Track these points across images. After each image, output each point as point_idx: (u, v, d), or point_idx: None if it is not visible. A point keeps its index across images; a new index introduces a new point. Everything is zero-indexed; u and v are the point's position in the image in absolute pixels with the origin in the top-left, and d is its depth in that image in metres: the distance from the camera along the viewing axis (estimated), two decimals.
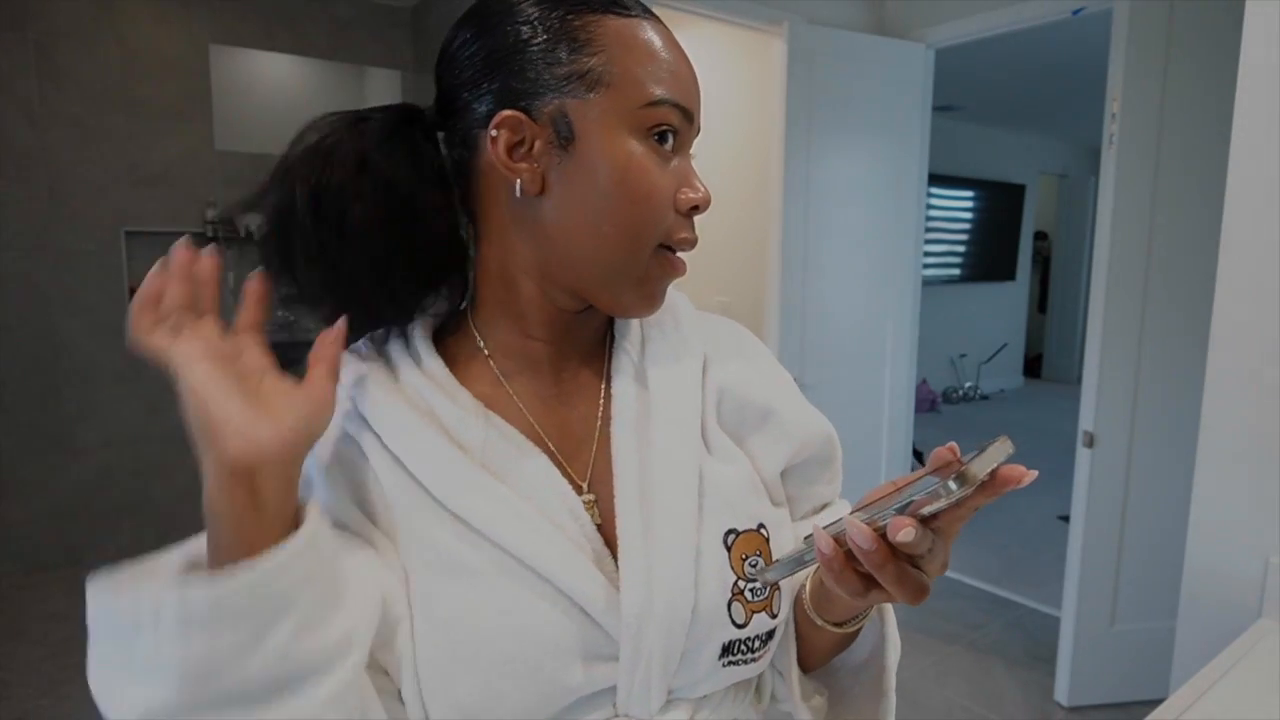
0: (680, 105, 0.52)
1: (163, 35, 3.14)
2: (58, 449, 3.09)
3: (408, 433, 0.52)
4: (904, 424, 3.30)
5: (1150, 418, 2.19)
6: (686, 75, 0.54)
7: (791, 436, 0.62)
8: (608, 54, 0.51)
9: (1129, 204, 2.10)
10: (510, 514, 0.50)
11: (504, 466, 0.52)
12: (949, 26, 2.95)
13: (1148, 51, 2.05)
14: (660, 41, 0.53)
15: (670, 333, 0.61)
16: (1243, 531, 1.18)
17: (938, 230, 6.43)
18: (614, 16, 0.52)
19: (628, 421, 0.56)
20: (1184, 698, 0.89)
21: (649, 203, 0.52)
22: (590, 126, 0.51)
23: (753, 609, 0.54)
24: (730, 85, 3.33)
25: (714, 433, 0.59)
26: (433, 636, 0.48)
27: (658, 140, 0.52)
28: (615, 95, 0.50)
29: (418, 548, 0.50)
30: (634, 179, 0.51)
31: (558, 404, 0.58)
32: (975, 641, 2.68)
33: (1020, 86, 5.13)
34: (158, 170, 3.16)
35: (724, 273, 3.42)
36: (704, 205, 0.55)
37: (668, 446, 0.55)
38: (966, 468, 0.37)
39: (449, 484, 0.50)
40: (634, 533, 0.52)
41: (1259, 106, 1.14)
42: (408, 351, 0.56)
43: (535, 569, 0.49)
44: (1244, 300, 1.17)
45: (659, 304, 0.56)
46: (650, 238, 0.53)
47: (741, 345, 0.66)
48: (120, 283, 3.13)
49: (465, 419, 0.53)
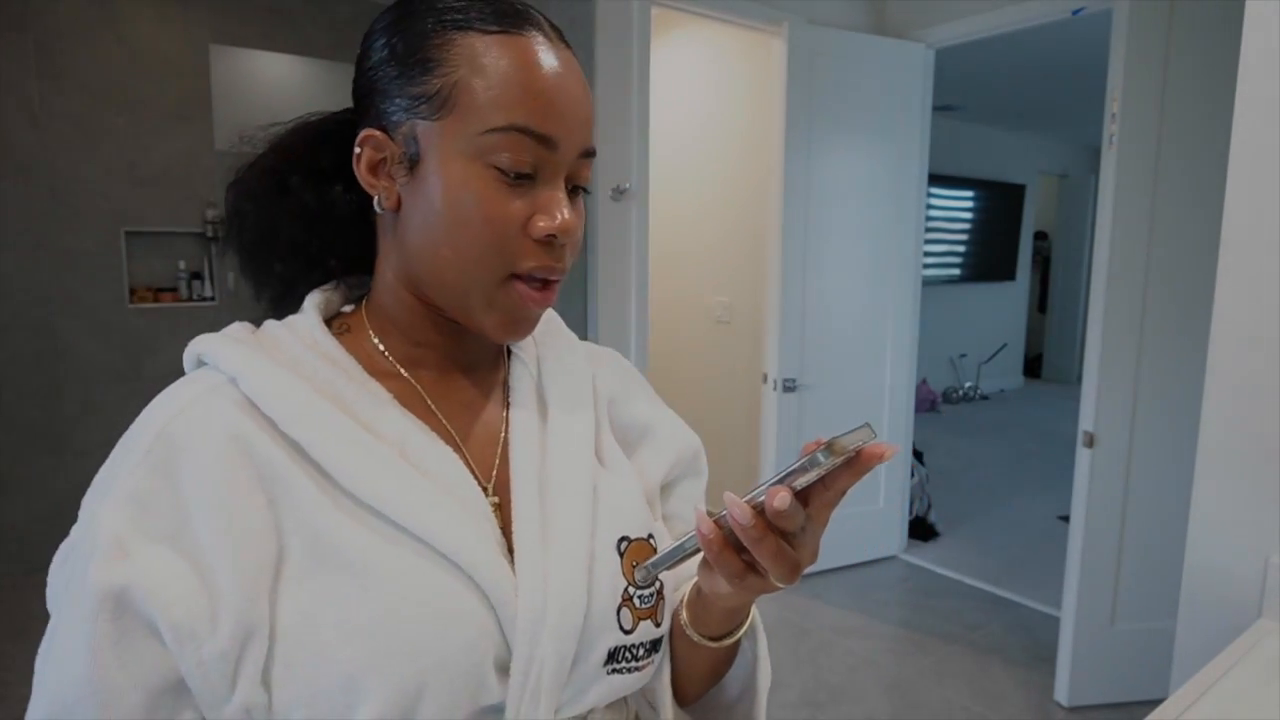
0: (534, 132, 0.49)
1: (163, 35, 3.14)
2: (58, 449, 3.09)
3: (314, 417, 0.49)
4: (904, 424, 3.30)
5: (1150, 418, 2.19)
6: (556, 97, 0.50)
7: (669, 449, 0.66)
8: (457, 75, 0.49)
9: (1129, 204, 2.11)
10: (435, 506, 0.49)
11: (421, 461, 0.51)
12: (949, 26, 2.96)
13: (1148, 51, 2.05)
14: (526, 60, 0.49)
15: (562, 347, 0.64)
16: (1243, 531, 1.18)
17: (938, 230, 6.43)
18: (475, 34, 0.49)
19: (527, 430, 0.57)
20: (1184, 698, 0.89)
21: (485, 230, 0.50)
22: (432, 149, 0.50)
23: (640, 615, 0.55)
24: (730, 85, 3.33)
25: (608, 445, 0.62)
26: (350, 642, 0.45)
27: (502, 169, 0.49)
28: (458, 119, 0.49)
29: (326, 548, 0.47)
30: (467, 206, 0.49)
31: (461, 409, 0.57)
32: (975, 641, 2.68)
33: (1020, 86, 5.13)
34: (158, 170, 3.16)
35: (724, 273, 3.42)
36: (562, 234, 0.51)
37: (564, 455, 0.57)
38: (834, 440, 0.41)
39: (364, 472, 0.48)
40: (531, 537, 0.52)
41: (1259, 106, 1.14)
42: (296, 336, 0.54)
43: (460, 564, 0.48)
44: (1244, 300, 1.17)
45: (522, 332, 0.55)
46: (490, 266, 0.51)
47: (619, 365, 0.69)
48: (120, 283, 3.13)
49: (380, 410, 0.52)
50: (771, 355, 2.92)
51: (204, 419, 0.47)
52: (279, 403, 0.48)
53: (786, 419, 2.94)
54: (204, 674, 0.43)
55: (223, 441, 0.47)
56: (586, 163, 0.54)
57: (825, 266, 2.99)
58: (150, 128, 3.13)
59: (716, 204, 3.39)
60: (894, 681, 2.42)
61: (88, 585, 0.43)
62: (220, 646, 0.43)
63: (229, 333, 0.54)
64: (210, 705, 0.44)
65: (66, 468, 3.10)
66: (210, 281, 3.31)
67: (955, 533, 3.70)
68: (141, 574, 0.43)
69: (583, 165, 0.53)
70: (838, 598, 2.98)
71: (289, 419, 0.48)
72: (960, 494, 4.28)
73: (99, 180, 3.05)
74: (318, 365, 0.52)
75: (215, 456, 0.46)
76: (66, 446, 3.10)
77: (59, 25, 2.93)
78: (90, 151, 3.03)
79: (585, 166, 0.54)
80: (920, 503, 3.68)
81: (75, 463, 3.12)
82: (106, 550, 0.43)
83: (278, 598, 0.46)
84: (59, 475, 3.09)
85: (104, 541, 0.44)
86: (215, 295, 3.32)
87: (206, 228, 3.26)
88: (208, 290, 3.30)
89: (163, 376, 0.53)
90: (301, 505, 0.47)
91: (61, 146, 2.97)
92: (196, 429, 0.47)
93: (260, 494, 0.47)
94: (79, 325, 3.07)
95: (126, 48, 3.06)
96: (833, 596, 2.99)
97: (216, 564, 0.44)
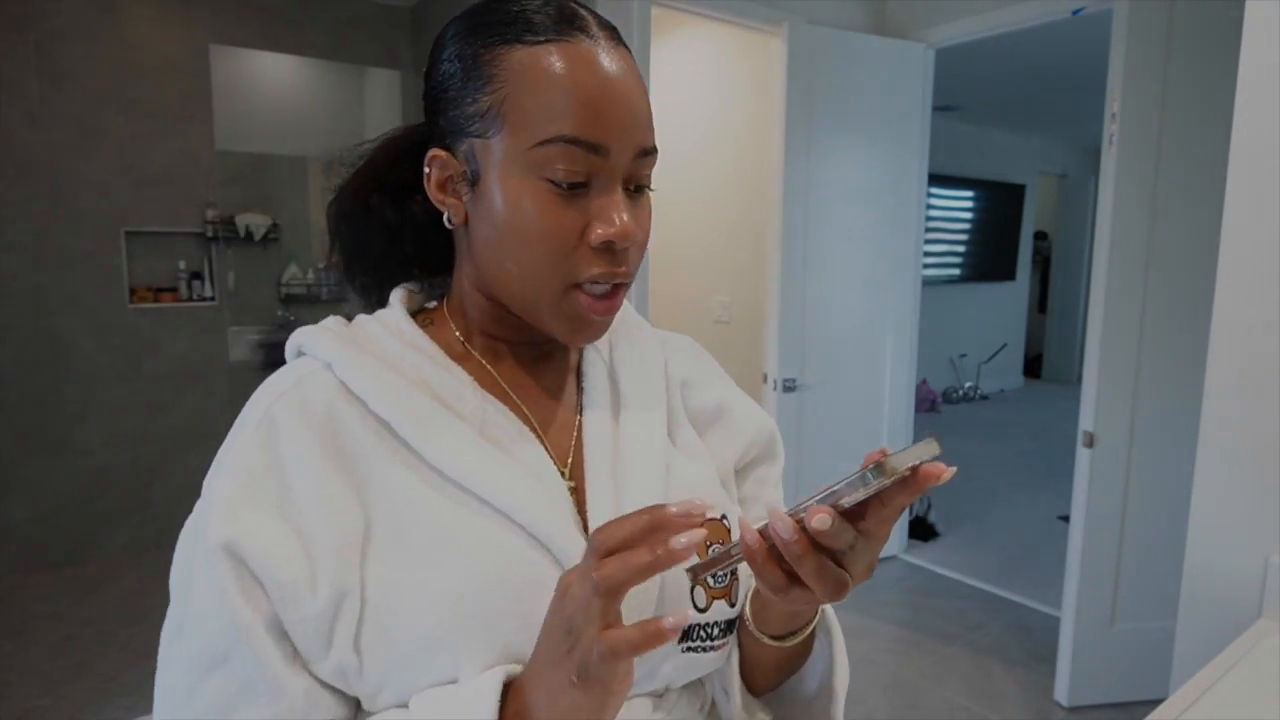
0: (583, 140, 0.49)
1: (163, 35, 3.14)
2: (58, 449, 3.09)
3: (401, 399, 0.52)
4: (904, 424, 3.30)
5: (1150, 418, 2.19)
6: (604, 102, 0.50)
7: (742, 432, 0.66)
8: (506, 90, 0.50)
9: (1129, 204, 2.10)
10: (514, 481, 0.52)
11: (500, 440, 0.54)
12: (949, 26, 2.95)
13: (1148, 51, 2.05)
14: (571, 68, 0.49)
15: (634, 334, 0.65)
16: (1243, 531, 1.18)
17: (938, 230, 6.43)
18: (521, 46, 0.50)
19: (600, 417, 0.59)
20: (1184, 698, 0.89)
21: (543, 244, 0.51)
22: (489, 167, 0.52)
23: (713, 595, 0.56)
24: (730, 85, 3.33)
25: (682, 428, 0.63)
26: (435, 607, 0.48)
27: (555, 181, 0.50)
28: (509, 136, 0.50)
29: (411, 519, 0.50)
30: (525, 221, 0.51)
31: (538, 396, 0.60)
32: (975, 641, 2.68)
33: (1020, 86, 5.13)
34: (158, 170, 3.16)
35: (724, 273, 3.42)
36: (620, 239, 0.51)
37: (636, 440, 0.58)
38: (885, 460, 0.38)
39: (446, 447, 0.51)
40: (605, 516, 0.54)
41: (1259, 106, 1.14)
42: (385, 328, 0.58)
43: (538, 536, 0.50)
44: (1244, 300, 1.17)
45: (590, 337, 0.56)
46: (552, 278, 0.52)
47: (692, 349, 0.71)
48: (120, 283, 3.13)
49: (457, 388, 0.55)
50: (771, 355, 2.92)
51: (303, 401, 0.52)
52: (368, 385, 0.52)
53: (787, 419, 2.93)
54: (303, 632, 0.47)
55: (319, 420, 0.51)
56: (646, 161, 0.53)
57: (825, 266, 2.99)
58: (150, 128, 3.13)
59: (716, 204, 3.39)
60: (894, 681, 2.42)
61: (208, 540, 0.47)
62: (319, 607, 0.47)
63: (325, 325, 0.58)
64: (308, 662, 0.48)
65: (66, 468, 3.11)
66: (210, 281, 3.31)
67: (955, 533, 3.70)
68: (250, 535, 0.47)
69: (641, 165, 0.53)
70: None
71: (377, 399, 0.52)
72: (960, 494, 4.28)
73: (99, 180, 3.05)
74: (404, 352, 0.56)
75: (312, 434, 0.51)
76: (66, 446, 3.10)
77: (59, 25, 2.93)
78: (90, 151, 3.03)
79: (644, 165, 0.53)
80: (920, 503, 3.68)
81: (75, 463, 3.12)
82: (220, 512, 0.48)
83: (367, 566, 0.49)
84: (59, 475, 3.09)
85: (219, 506, 0.48)
86: (215, 295, 3.32)
87: (206, 228, 3.26)
88: (208, 290, 3.30)
89: (163, 376, 0.53)
90: (389, 479, 0.50)
91: (61, 146, 2.97)
92: (296, 409, 0.51)
93: (351, 469, 0.51)
94: (79, 325, 3.07)
95: (126, 47, 3.06)
96: None
97: (314, 531, 0.48)
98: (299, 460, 0.50)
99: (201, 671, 0.47)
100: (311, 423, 0.51)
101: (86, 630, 2.63)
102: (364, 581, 0.48)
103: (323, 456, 0.50)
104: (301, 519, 0.48)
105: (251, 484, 0.49)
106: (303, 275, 3.55)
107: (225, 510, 0.48)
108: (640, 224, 0.53)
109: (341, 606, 0.47)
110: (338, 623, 0.47)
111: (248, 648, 0.46)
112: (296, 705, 0.47)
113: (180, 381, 3.27)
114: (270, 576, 0.47)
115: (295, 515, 0.49)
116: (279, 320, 3.50)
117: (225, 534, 0.47)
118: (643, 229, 0.54)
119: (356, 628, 0.48)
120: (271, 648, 0.47)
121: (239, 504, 0.48)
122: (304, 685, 0.47)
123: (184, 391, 3.28)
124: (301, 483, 0.49)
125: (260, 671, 0.46)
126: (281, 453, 0.50)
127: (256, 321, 3.46)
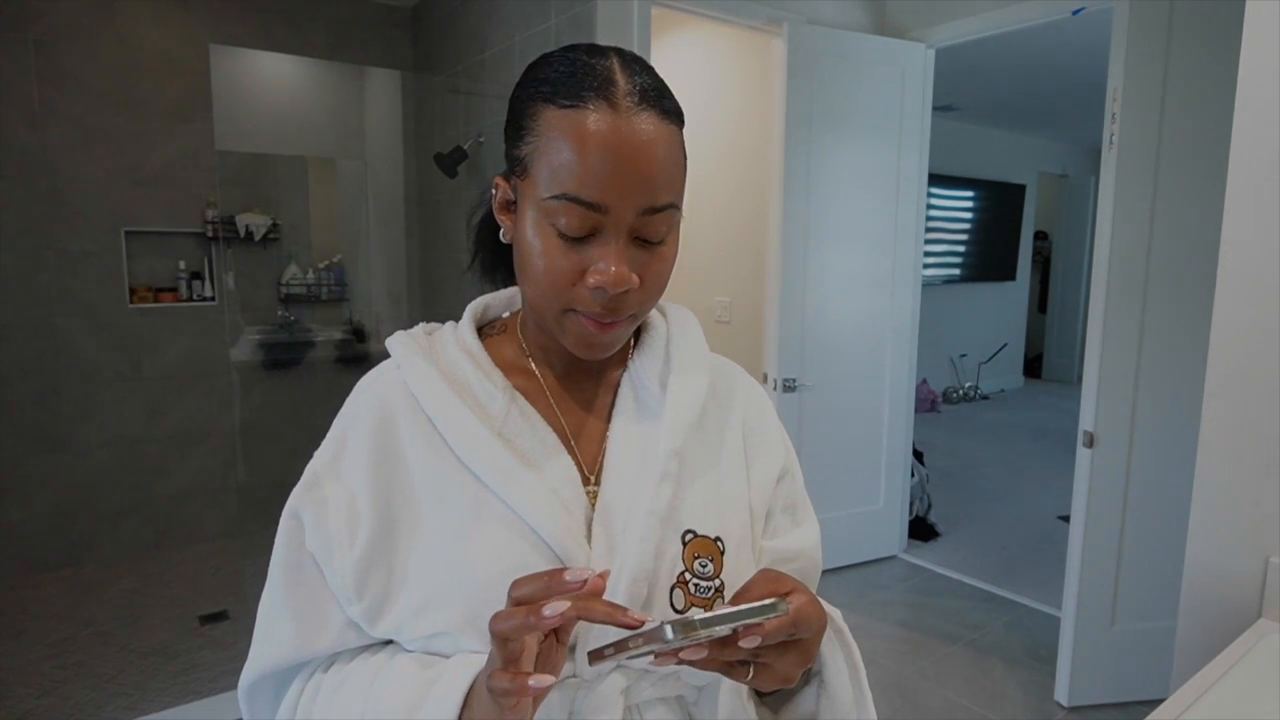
0: (583, 200, 0.55)
1: (163, 35, 3.14)
2: (58, 449, 3.09)
3: (439, 399, 0.62)
4: (904, 424, 3.30)
5: (1150, 418, 2.19)
6: (607, 166, 0.54)
7: (782, 459, 0.73)
8: (536, 143, 0.57)
9: (1129, 204, 2.10)
10: (518, 474, 0.59)
11: (515, 438, 0.62)
12: (949, 26, 2.96)
13: (1148, 51, 2.05)
14: (583, 134, 0.54)
15: (687, 358, 0.70)
16: (1243, 531, 1.18)
17: (938, 230, 6.43)
18: (553, 108, 0.56)
19: (626, 429, 0.65)
20: (1184, 698, 0.89)
21: (545, 279, 0.58)
22: (521, 201, 0.60)
23: (694, 601, 0.60)
24: (730, 85, 3.33)
25: (729, 449, 0.69)
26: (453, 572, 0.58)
27: (559, 231, 0.56)
28: (531, 183, 0.57)
29: (438, 501, 0.60)
30: (534, 255, 0.58)
31: (578, 405, 0.67)
32: (975, 641, 2.68)
33: (1020, 86, 5.13)
34: (158, 170, 3.16)
35: (724, 273, 3.42)
36: (611, 286, 0.56)
37: (653, 454, 0.63)
38: (689, 619, 0.43)
39: (465, 443, 0.60)
40: (606, 518, 0.61)
41: (1259, 106, 1.14)
42: (454, 336, 0.68)
43: (533, 526, 0.58)
44: (1244, 300, 1.17)
45: (596, 352, 0.62)
46: (551, 303, 0.59)
47: (748, 384, 0.77)
48: (120, 283, 3.13)
49: (492, 392, 0.63)
50: (771, 355, 2.92)
51: (376, 394, 0.65)
52: (419, 386, 0.63)
53: (787, 419, 2.94)
54: (340, 579, 0.59)
55: (380, 409, 0.64)
56: (656, 218, 0.57)
57: (825, 266, 2.99)
58: (150, 128, 3.13)
59: (716, 204, 3.39)
60: (894, 681, 2.42)
61: (287, 506, 0.63)
62: (357, 554, 0.59)
63: (410, 332, 0.70)
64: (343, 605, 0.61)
65: (66, 468, 3.11)
66: (210, 281, 3.31)
67: (955, 533, 3.70)
68: (320, 501, 0.61)
69: (648, 221, 0.57)
70: (838, 597, 2.97)
71: (424, 398, 0.63)
72: (960, 494, 4.28)
73: (99, 180, 3.05)
74: (458, 357, 0.65)
75: (374, 419, 0.63)
76: (66, 446, 3.10)
77: (58, 25, 2.93)
78: (90, 151, 3.03)
79: (653, 221, 0.57)
80: (920, 503, 3.68)
81: (75, 463, 3.12)
82: (305, 483, 0.63)
83: (398, 534, 0.60)
84: (59, 475, 3.09)
85: (306, 477, 0.64)
86: (215, 295, 3.32)
87: (206, 228, 3.26)
88: (208, 290, 3.30)
89: (163, 376, 0.54)
90: (428, 465, 0.61)
91: (61, 146, 2.97)
92: (368, 401, 0.65)
93: (399, 453, 0.62)
94: (79, 325, 3.07)
95: (126, 48, 3.07)
96: (832, 596, 2.97)
97: (363, 495, 0.61)
98: (360, 440, 0.62)
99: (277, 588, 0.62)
100: (378, 412, 0.63)
101: (86, 630, 2.63)
102: (394, 549, 0.59)
103: (377, 437, 0.62)
104: (357, 486, 0.61)
105: (334, 459, 0.63)
106: (303, 275, 3.54)
107: (310, 481, 0.63)
108: (648, 271, 0.59)
109: (372, 565, 0.59)
110: (368, 576, 0.59)
111: (290, 575, 0.61)
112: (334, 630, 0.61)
113: (180, 381, 3.27)
114: (323, 528, 0.60)
115: (353, 483, 0.61)
116: (279, 320, 3.50)
117: (296, 503, 0.63)
118: (650, 277, 0.59)
119: (384, 588, 0.59)
120: (315, 581, 0.61)
121: (323, 475, 0.63)
122: (342, 618, 0.60)
123: (184, 391, 3.28)
124: (361, 457, 0.62)
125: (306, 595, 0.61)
126: (357, 434, 0.63)
127: (256, 321, 3.45)
